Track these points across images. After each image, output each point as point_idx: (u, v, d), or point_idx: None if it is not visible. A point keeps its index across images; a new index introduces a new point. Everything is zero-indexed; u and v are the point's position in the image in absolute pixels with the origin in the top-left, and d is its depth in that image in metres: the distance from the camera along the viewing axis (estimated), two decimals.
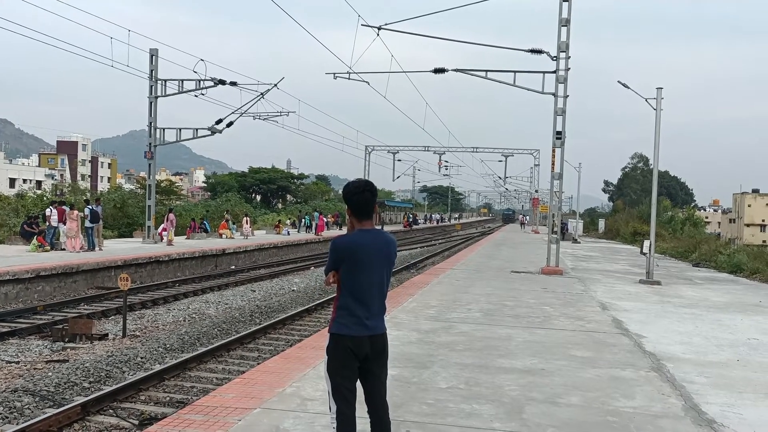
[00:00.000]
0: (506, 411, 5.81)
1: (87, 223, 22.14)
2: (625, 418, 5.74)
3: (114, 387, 8.66)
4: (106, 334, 12.46)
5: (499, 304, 12.51)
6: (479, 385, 6.61)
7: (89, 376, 9.53)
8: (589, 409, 5.97)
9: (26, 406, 8.10)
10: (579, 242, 43.64)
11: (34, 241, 21.66)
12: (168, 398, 8.66)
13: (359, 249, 4.02)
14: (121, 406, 8.26)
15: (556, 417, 5.69)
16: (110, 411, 8.05)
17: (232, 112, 28.95)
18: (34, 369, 10.01)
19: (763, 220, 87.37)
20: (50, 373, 9.60)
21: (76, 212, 21.99)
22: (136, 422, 7.64)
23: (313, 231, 41.79)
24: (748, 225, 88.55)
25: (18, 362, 10.43)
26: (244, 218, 36.41)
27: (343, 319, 4.04)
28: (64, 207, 23.18)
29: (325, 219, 43.70)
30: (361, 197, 4.08)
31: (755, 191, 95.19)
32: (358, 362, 4.06)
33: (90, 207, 22.80)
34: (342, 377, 4.04)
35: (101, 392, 8.42)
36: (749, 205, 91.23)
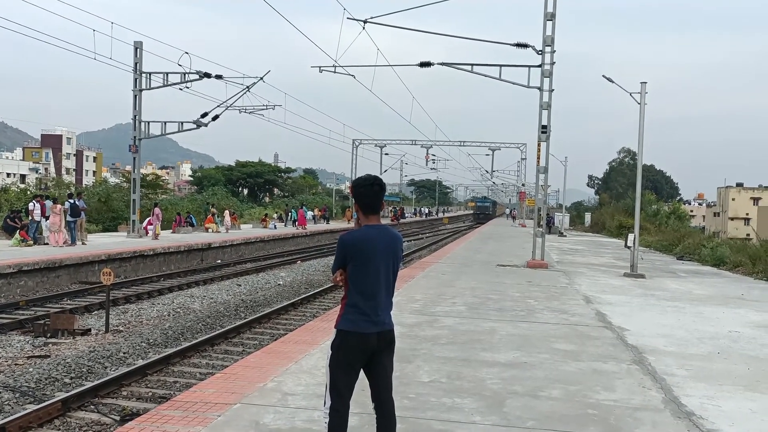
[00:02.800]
0: (487, 404, 5.82)
1: (68, 217, 21.95)
2: (605, 410, 5.76)
3: (95, 382, 8.60)
4: (89, 330, 12.36)
5: (484, 297, 12.53)
6: (461, 379, 6.61)
7: (71, 371, 9.46)
8: (569, 402, 5.99)
9: (6, 403, 8.03)
10: (565, 236, 43.83)
11: (17, 235, 21.46)
12: (150, 393, 8.62)
13: (367, 244, 4.02)
14: (103, 401, 8.20)
15: (537, 410, 5.70)
16: (91, 407, 7.99)
17: (218, 106, 28.78)
18: (15, 365, 9.92)
19: (747, 214, 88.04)
20: (31, 369, 9.52)
21: (59, 206, 21.78)
22: (118, 418, 7.58)
23: (300, 224, 41.70)
24: (732, 218, 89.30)
25: None
26: (225, 211, 36.29)
27: (351, 316, 4.02)
28: (45, 201, 22.98)
29: (305, 213, 43.32)
30: (370, 191, 4.10)
31: (739, 185, 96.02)
32: (365, 360, 4.06)
33: (70, 201, 22.60)
34: (343, 374, 4.03)
35: (82, 388, 8.36)
36: (733, 199, 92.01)
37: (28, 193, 38.19)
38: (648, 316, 11.12)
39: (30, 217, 22.65)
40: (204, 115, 28.36)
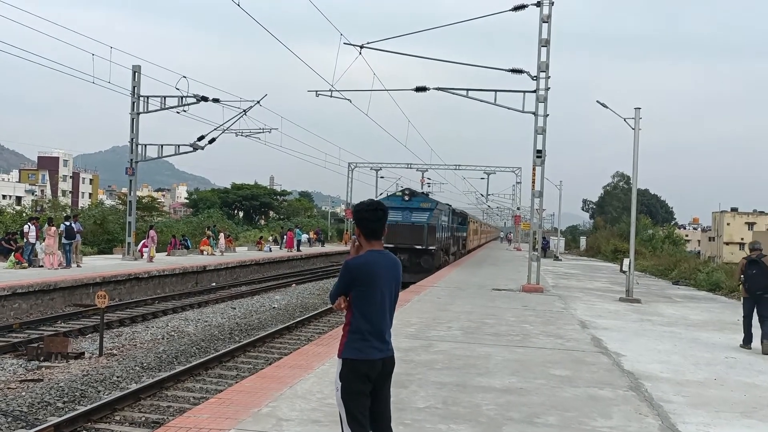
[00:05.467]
0: (483, 431, 5.78)
1: (63, 240, 21.88)
2: None
3: (88, 407, 8.52)
4: (82, 353, 12.27)
5: (480, 322, 12.50)
6: (457, 405, 6.58)
7: (63, 395, 9.38)
8: (566, 429, 5.95)
9: None
10: (560, 260, 43.84)
11: (12, 257, 21.36)
12: (143, 418, 8.54)
13: (373, 270, 4.01)
14: (96, 426, 8.13)
15: None
16: None
17: (215, 129, 28.87)
18: (8, 388, 9.82)
19: (741, 239, 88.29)
20: (24, 393, 9.44)
21: (54, 228, 21.73)
22: None
23: (288, 247, 41.49)
24: (727, 243, 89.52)
25: None
26: (220, 234, 36.15)
27: (356, 344, 3.98)
28: (39, 223, 22.93)
29: (297, 235, 42.99)
30: (374, 216, 4.10)
31: (734, 210, 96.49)
32: (371, 386, 4.02)
33: (66, 223, 22.55)
34: (357, 402, 3.97)
35: (75, 412, 8.28)
36: (728, 224, 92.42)
37: (24, 215, 38.07)
38: (644, 342, 11.10)
39: (25, 240, 22.57)
40: (201, 138, 28.45)
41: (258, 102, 29.10)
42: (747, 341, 11.01)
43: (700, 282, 25.01)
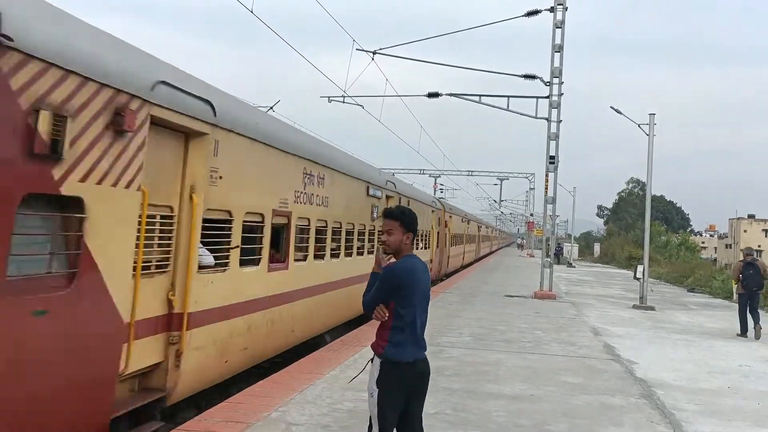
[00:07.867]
0: None
1: None
2: None
3: None
4: None
5: (491, 328, 12.45)
6: (467, 411, 6.55)
7: None
8: None
9: None
10: (574, 266, 43.62)
11: None
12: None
13: (416, 274, 4.05)
14: None
15: None
16: None
17: None
18: None
19: (759, 246, 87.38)
20: None
21: None
22: None
23: None
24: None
25: None
26: None
27: (396, 348, 3.96)
28: None
29: None
30: (417, 222, 4.22)
31: (751, 216, 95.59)
32: (407, 396, 3.98)
33: None
34: (393, 413, 3.93)
35: None
36: (745, 231, 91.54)
37: None
38: (657, 350, 11.02)
39: None
40: None
41: (271, 108, 29.19)
42: (744, 331, 13.09)
43: (715, 289, 24.81)
